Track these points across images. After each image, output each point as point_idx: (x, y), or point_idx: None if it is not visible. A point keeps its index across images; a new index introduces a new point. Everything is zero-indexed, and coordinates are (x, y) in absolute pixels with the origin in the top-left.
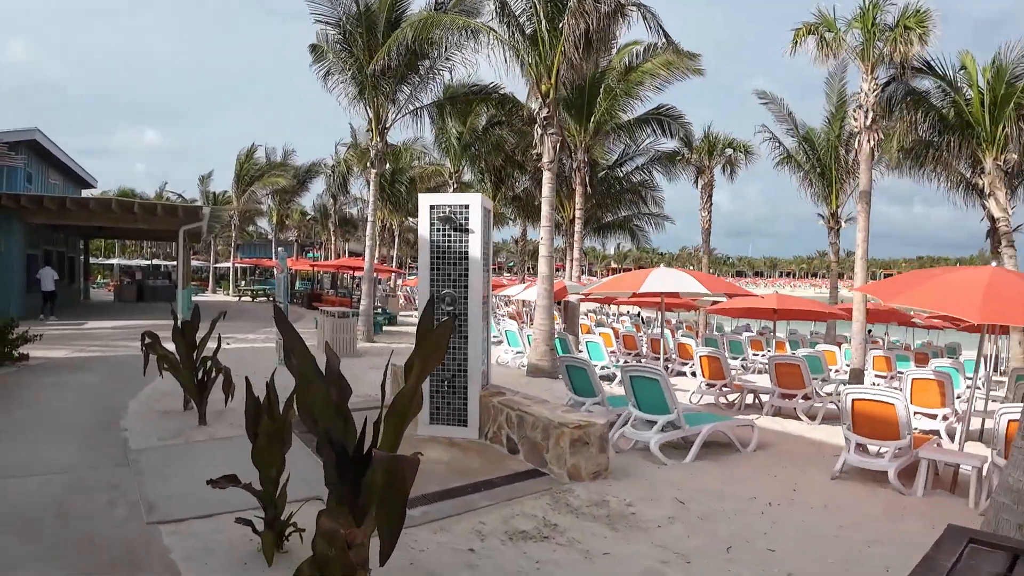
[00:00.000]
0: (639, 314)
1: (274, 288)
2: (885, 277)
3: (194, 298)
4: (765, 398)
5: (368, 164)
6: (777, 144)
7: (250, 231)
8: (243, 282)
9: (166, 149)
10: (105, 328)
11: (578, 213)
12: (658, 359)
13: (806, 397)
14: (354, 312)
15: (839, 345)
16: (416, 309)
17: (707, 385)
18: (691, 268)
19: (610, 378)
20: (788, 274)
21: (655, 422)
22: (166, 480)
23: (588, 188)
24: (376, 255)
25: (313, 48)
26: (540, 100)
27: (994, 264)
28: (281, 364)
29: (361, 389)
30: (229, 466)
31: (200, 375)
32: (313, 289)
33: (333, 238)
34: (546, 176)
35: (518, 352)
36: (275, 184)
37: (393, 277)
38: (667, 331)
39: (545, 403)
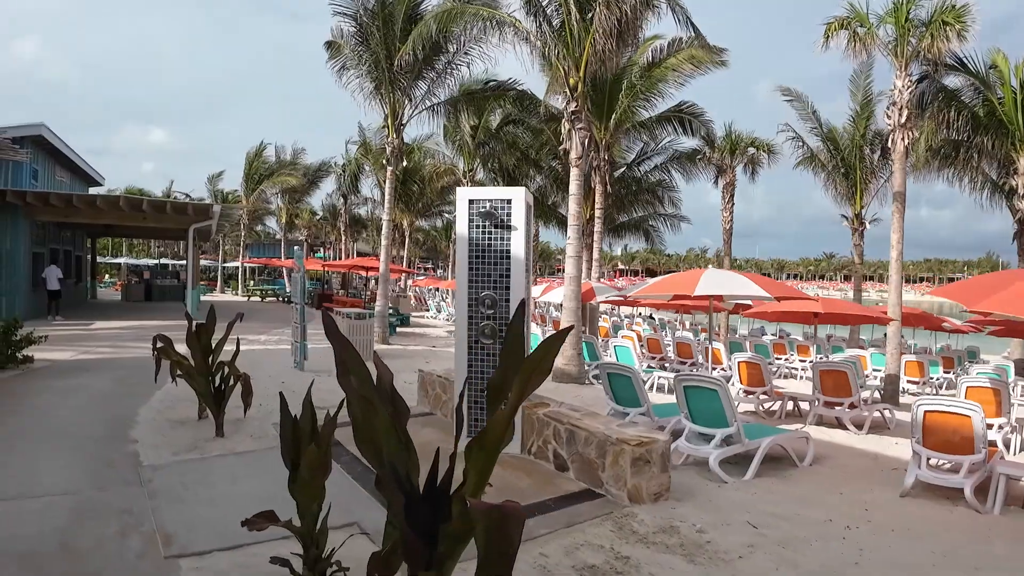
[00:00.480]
0: (651, 316)
1: (282, 288)
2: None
3: (203, 298)
4: (803, 406)
5: (384, 162)
6: (800, 143)
7: (258, 231)
8: (251, 282)
9: (173, 149)
10: (113, 328)
11: (598, 213)
12: (684, 363)
13: (852, 405)
14: (368, 313)
15: (861, 349)
16: (427, 310)
17: (745, 392)
18: (699, 269)
19: None
20: (795, 276)
21: (711, 436)
22: (184, 504)
23: (608, 187)
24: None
25: (329, 44)
26: (568, 94)
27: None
28: (296, 367)
29: None
30: (253, 486)
31: (217, 382)
32: (323, 289)
33: (343, 238)
34: (574, 173)
35: None
36: (284, 183)
37: (403, 277)
38: (687, 333)
39: (596, 416)
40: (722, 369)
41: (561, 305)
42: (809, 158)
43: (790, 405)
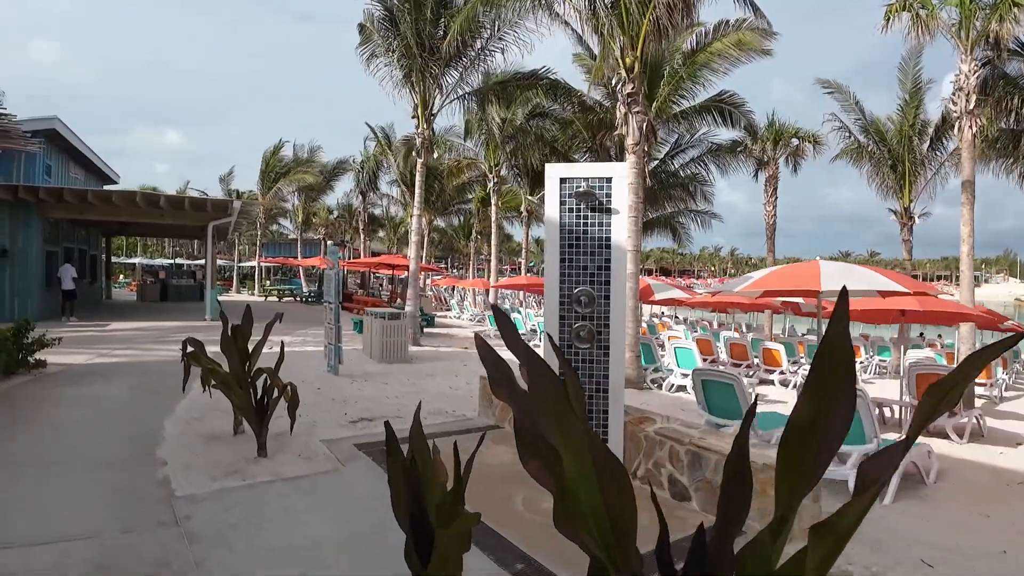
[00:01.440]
0: (664, 314)
1: (298, 287)
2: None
3: (220, 298)
4: (887, 412)
5: (414, 153)
6: (847, 134)
7: (271, 231)
8: (267, 281)
9: (187, 150)
10: (129, 330)
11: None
12: (738, 366)
13: (952, 412)
14: (400, 313)
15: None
16: (449, 310)
17: None
18: (811, 261)
19: None
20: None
21: (845, 454)
22: (234, 553)
23: (646, 180)
24: (414, 254)
25: (361, 28)
26: (623, 75)
27: None
28: (330, 371)
29: (433, 403)
30: (319, 526)
31: (259, 393)
32: (344, 289)
33: (362, 236)
34: (630, 160)
35: None
36: (301, 181)
37: (422, 276)
38: (732, 333)
39: (720, 435)
40: (780, 372)
41: None
42: (856, 149)
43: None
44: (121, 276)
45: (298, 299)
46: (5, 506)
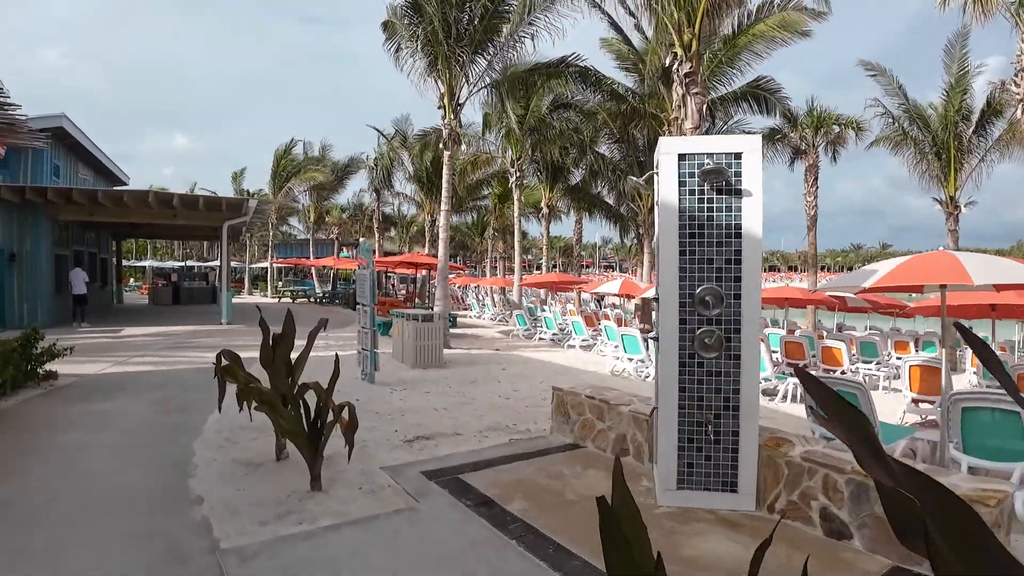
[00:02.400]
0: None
1: (311, 288)
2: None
3: (233, 300)
4: None
5: (440, 145)
6: (891, 120)
7: (282, 231)
8: (279, 283)
9: (194, 153)
10: (143, 336)
11: None
12: (831, 372)
13: None
14: (433, 315)
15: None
16: (467, 308)
17: (915, 402)
18: (940, 252)
19: (770, 393)
20: (824, 268)
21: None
22: None
23: None
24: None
25: (385, 25)
26: (679, 54)
27: None
28: (365, 379)
29: (489, 416)
30: None
31: (312, 416)
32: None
33: (376, 235)
34: None
35: (640, 360)
36: (312, 180)
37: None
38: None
39: None
40: (840, 372)
41: (615, 301)
42: (899, 136)
43: None
44: (132, 279)
45: (311, 300)
46: (20, 563)
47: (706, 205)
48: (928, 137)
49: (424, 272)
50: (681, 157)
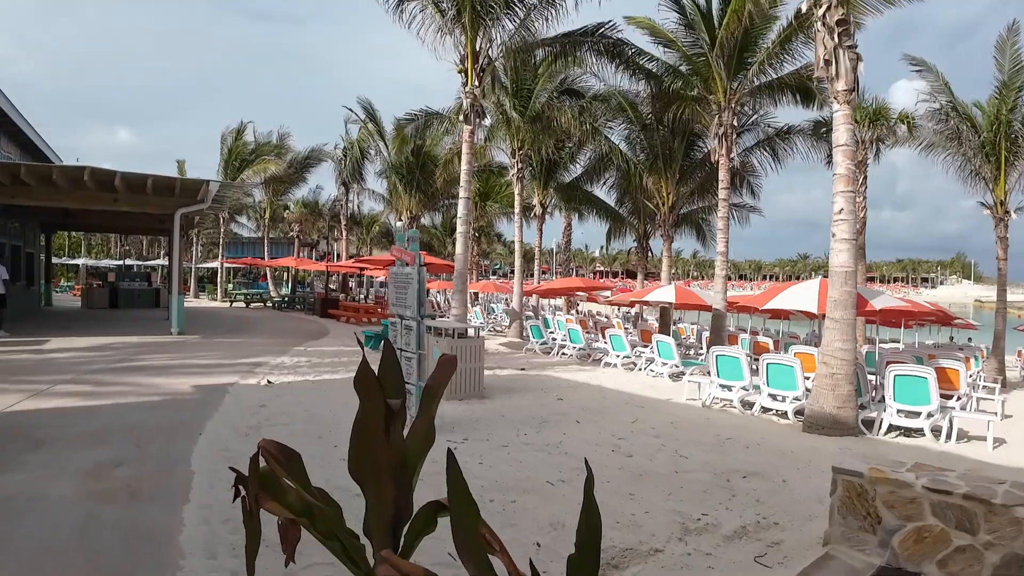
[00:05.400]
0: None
1: (265, 291)
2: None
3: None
4: None
5: (461, 118)
6: (943, 116)
7: (230, 228)
8: (230, 285)
9: (137, 149)
10: (75, 350)
11: (722, 195)
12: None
13: None
14: (466, 331)
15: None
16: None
17: None
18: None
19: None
20: (772, 277)
21: None
22: None
23: (732, 160)
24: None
25: None
26: None
27: None
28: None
29: (658, 499)
30: None
31: None
32: (326, 294)
33: (344, 234)
34: (840, 115)
35: (741, 388)
36: (267, 170)
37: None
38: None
39: None
40: (956, 397)
41: (658, 309)
42: (950, 134)
43: None
44: (63, 279)
45: (268, 305)
46: None
47: None
48: (976, 138)
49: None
50: None
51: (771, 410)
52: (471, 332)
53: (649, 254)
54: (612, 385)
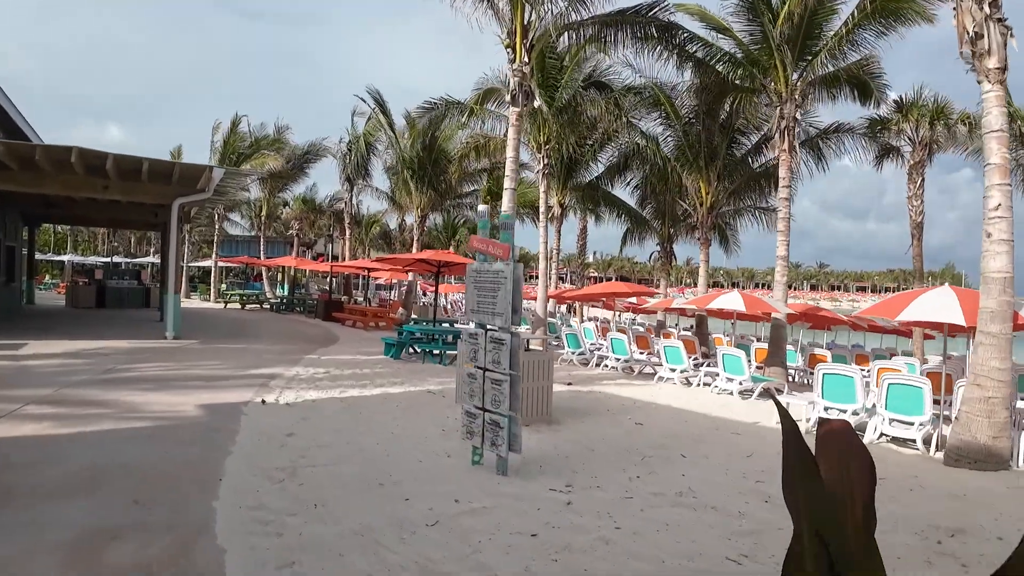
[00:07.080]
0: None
1: (261, 292)
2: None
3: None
4: None
5: (508, 99)
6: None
7: (222, 227)
8: (223, 285)
9: (129, 147)
10: (55, 356)
11: (783, 192)
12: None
13: None
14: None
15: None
16: (455, 322)
17: None
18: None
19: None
20: (764, 285)
21: None
22: None
23: (795, 155)
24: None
25: None
26: None
27: None
28: (479, 462)
29: None
30: None
31: None
32: (330, 295)
33: (348, 233)
34: (992, 96)
35: (852, 411)
36: (264, 166)
37: (418, 284)
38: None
39: None
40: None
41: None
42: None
43: None
44: (47, 276)
45: (264, 306)
46: None
47: None
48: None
49: (410, 278)
50: None
51: (885, 435)
52: (534, 344)
53: (673, 260)
54: (681, 405)
